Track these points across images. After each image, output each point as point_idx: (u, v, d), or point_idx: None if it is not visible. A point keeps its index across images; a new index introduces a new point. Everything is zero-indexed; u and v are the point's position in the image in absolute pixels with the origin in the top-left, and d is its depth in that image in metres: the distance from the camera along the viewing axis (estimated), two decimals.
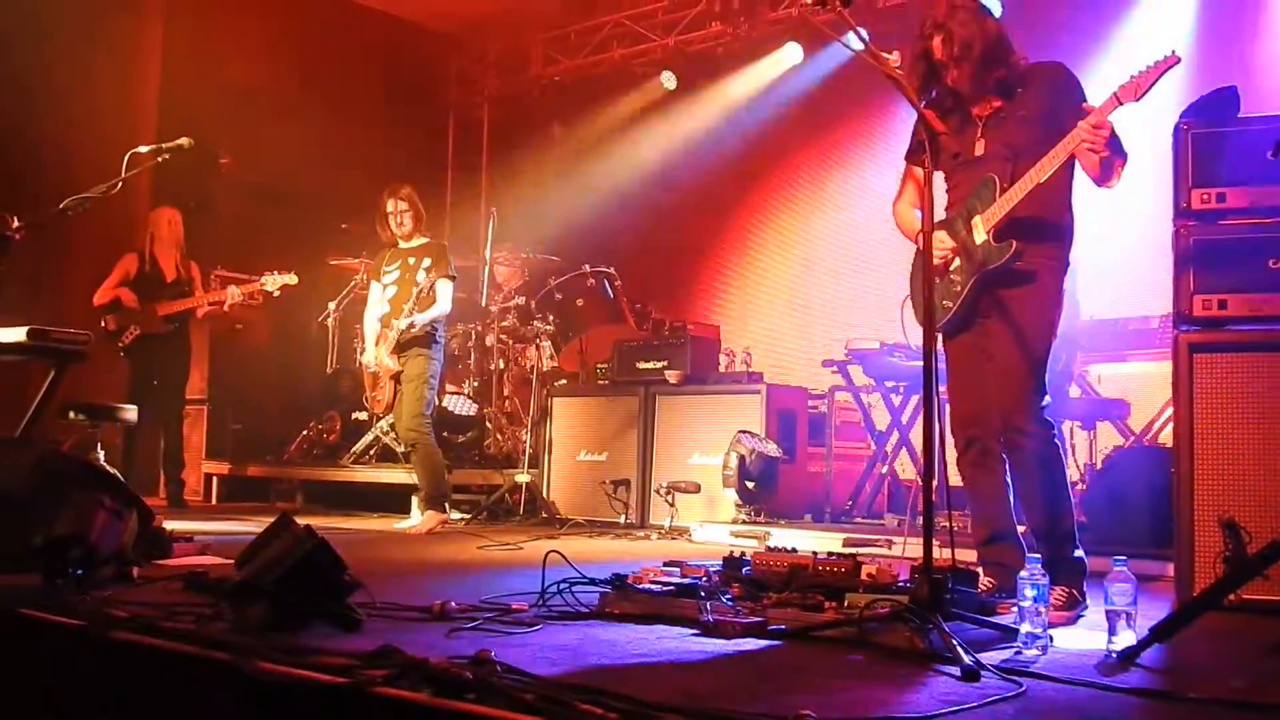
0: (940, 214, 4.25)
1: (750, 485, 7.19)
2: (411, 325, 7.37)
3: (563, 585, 3.91)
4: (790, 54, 10.54)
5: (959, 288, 4.30)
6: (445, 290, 7.51)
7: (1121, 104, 3.92)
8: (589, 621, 3.70)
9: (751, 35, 10.68)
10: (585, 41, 11.79)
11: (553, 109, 12.30)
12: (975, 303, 4.29)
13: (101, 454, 7.14)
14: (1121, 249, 8.69)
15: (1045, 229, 4.22)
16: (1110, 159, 4.05)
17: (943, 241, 4.25)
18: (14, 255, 5.69)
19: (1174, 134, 4.61)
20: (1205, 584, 4.14)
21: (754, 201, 11.29)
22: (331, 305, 10.12)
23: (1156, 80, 3.88)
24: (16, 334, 6.20)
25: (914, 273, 4.56)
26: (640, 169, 11.66)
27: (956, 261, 4.31)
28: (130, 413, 7.77)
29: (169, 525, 5.34)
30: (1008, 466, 4.26)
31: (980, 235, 4.22)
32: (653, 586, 3.86)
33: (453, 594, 3.79)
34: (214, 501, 9.87)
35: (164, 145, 6.00)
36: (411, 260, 7.56)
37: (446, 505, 7.61)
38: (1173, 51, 3.89)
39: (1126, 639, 3.20)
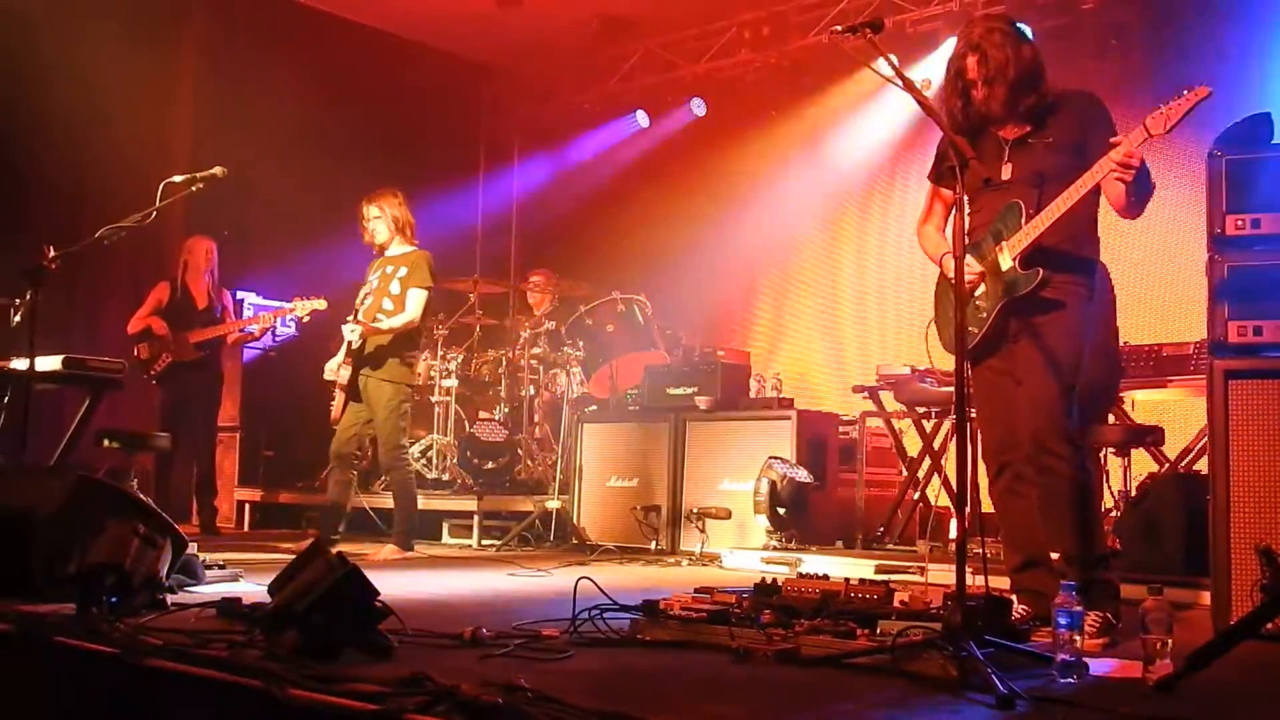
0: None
1: (782, 511, 7.17)
2: (375, 329, 7.01)
3: (594, 612, 3.90)
4: (818, 80, 10.53)
5: (985, 314, 4.30)
6: (414, 299, 7.07)
7: (1150, 136, 3.91)
8: (620, 648, 3.70)
9: (781, 62, 10.70)
10: (614, 69, 11.82)
11: (582, 136, 12.33)
12: (1003, 328, 4.28)
13: (135, 481, 7.20)
14: (1156, 275, 8.67)
15: (1071, 258, 4.22)
16: (1137, 190, 4.05)
17: (971, 266, 4.23)
18: (50, 284, 5.75)
19: (1208, 161, 4.58)
20: (1242, 612, 4.08)
21: (784, 227, 11.28)
22: None
23: (1187, 113, 3.87)
24: (53, 362, 6.27)
25: (938, 296, 4.56)
26: (670, 194, 11.69)
27: (982, 287, 4.31)
28: (163, 440, 7.82)
29: (202, 553, 5.37)
30: (1040, 491, 4.23)
31: (1007, 262, 4.21)
32: (684, 613, 3.84)
33: (484, 620, 3.79)
34: (246, 528, 9.89)
35: (198, 174, 6.05)
36: (390, 269, 7.19)
37: (413, 544, 7.33)
38: (1202, 84, 3.88)
39: (1163, 668, 3.17)
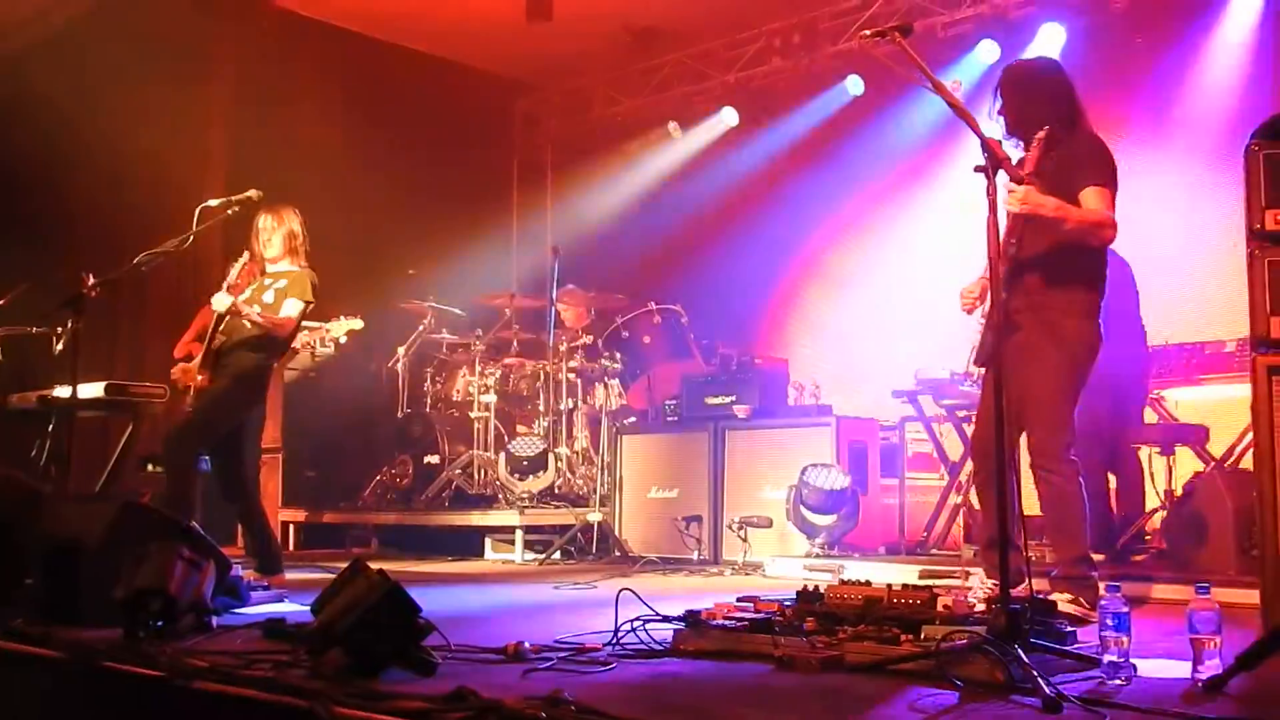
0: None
1: (813, 518, 7.15)
2: (245, 308, 6.10)
3: (636, 623, 3.91)
4: (852, 86, 10.51)
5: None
6: (290, 307, 6.21)
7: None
8: (664, 659, 3.70)
9: (812, 69, 10.67)
10: (646, 81, 11.84)
11: (615, 148, 12.35)
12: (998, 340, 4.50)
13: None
14: (1194, 272, 8.59)
15: (1059, 271, 4.53)
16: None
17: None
18: (92, 312, 5.79)
19: (1245, 155, 4.53)
20: None
21: (818, 233, 11.23)
22: (400, 350, 10.23)
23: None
24: (95, 389, 6.33)
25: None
26: (704, 204, 11.68)
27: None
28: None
29: (246, 574, 5.41)
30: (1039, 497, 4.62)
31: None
32: (727, 622, 3.84)
33: (526, 634, 3.80)
34: (290, 549, 9.94)
35: (233, 198, 6.10)
36: (268, 281, 6.38)
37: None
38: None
39: (1211, 668, 3.14)
